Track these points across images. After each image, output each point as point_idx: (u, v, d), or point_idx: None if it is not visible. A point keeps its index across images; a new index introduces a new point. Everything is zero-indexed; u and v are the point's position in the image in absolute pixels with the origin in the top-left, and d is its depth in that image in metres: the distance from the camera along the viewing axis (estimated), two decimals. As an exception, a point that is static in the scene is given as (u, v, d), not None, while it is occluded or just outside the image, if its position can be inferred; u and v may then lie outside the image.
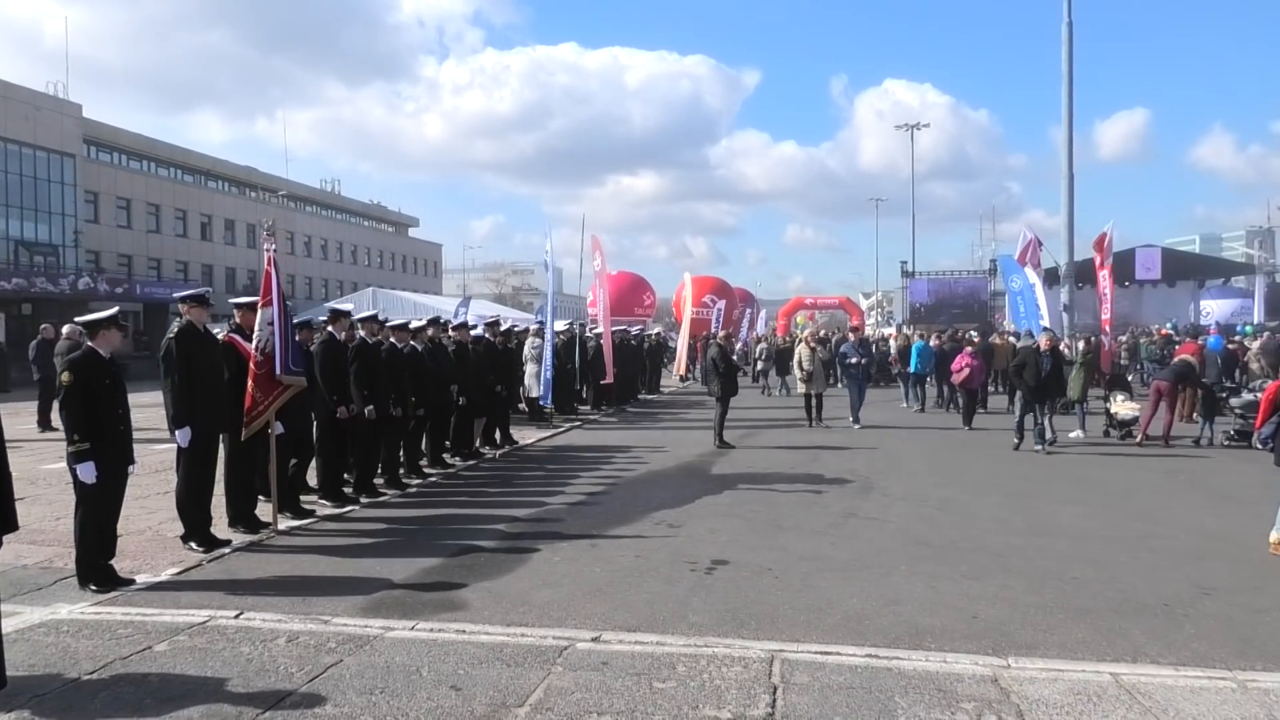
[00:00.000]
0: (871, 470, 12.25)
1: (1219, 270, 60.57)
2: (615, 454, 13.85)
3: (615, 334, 22.13)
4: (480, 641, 5.34)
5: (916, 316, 54.50)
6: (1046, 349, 14.59)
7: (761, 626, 5.72)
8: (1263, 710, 4.43)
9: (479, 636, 5.43)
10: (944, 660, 5.09)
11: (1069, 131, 26.99)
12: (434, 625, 5.65)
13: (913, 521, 9.11)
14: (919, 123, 65.36)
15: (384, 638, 5.39)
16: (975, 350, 18.22)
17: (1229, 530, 8.66)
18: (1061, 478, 11.96)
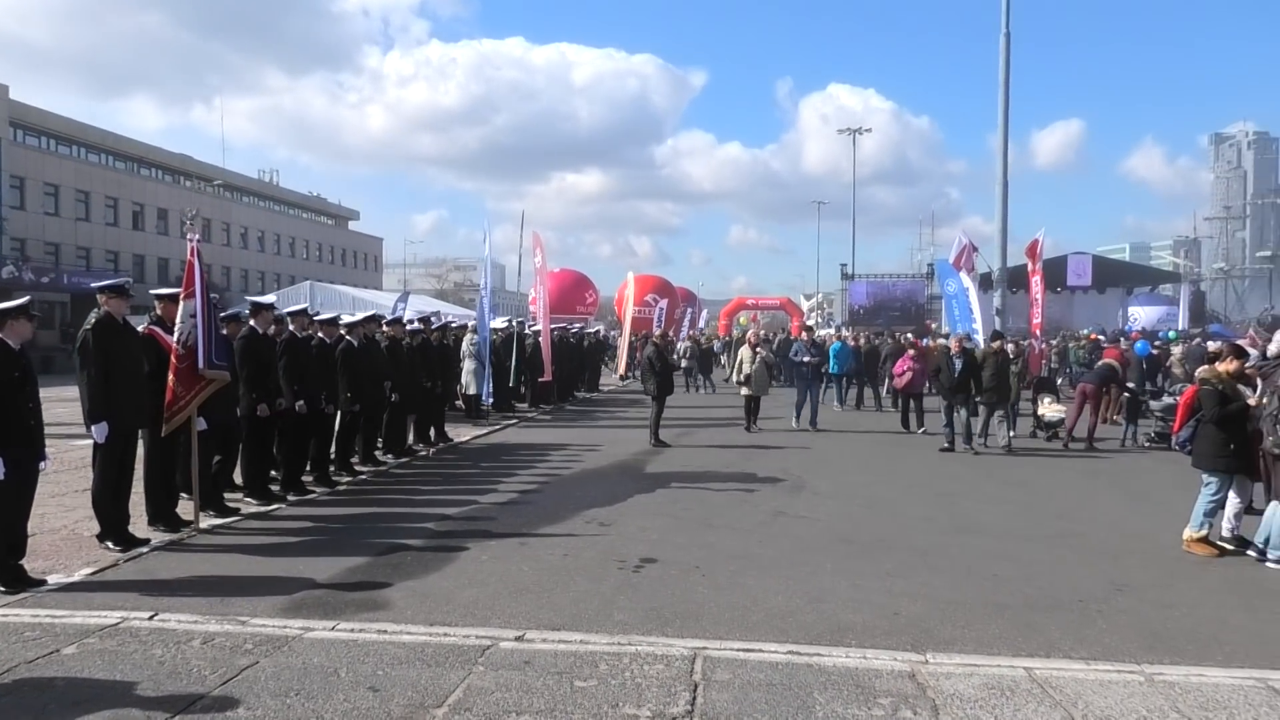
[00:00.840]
0: (803, 469, 12.37)
1: (1147, 278, 62.32)
2: (551, 452, 13.80)
3: (555, 331, 22.06)
4: (402, 642, 5.27)
5: (856, 318, 55.21)
6: (957, 351, 14.86)
7: (686, 624, 5.73)
8: (1167, 703, 4.56)
9: (400, 636, 5.37)
10: (864, 656, 5.15)
11: (1004, 139, 27.54)
12: (355, 625, 5.56)
13: (841, 520, 9.22)
14: (862, 127, 66.21)
15: (303, 638, 5.30)
16: (918, 354, 18.25)
17: (1145, 529, 8.90)
18: (988, 477, 12.20)
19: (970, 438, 14.64)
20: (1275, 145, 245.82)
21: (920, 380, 17.70)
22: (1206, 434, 8.00)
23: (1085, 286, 54.60)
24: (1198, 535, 7.97)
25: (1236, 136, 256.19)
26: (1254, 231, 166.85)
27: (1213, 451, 7.95)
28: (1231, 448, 7.86)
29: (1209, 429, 7.97)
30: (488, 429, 16.48)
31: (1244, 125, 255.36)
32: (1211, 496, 7.97)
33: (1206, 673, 5.02)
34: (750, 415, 17.14)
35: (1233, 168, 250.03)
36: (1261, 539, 7.61)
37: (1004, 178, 27.70)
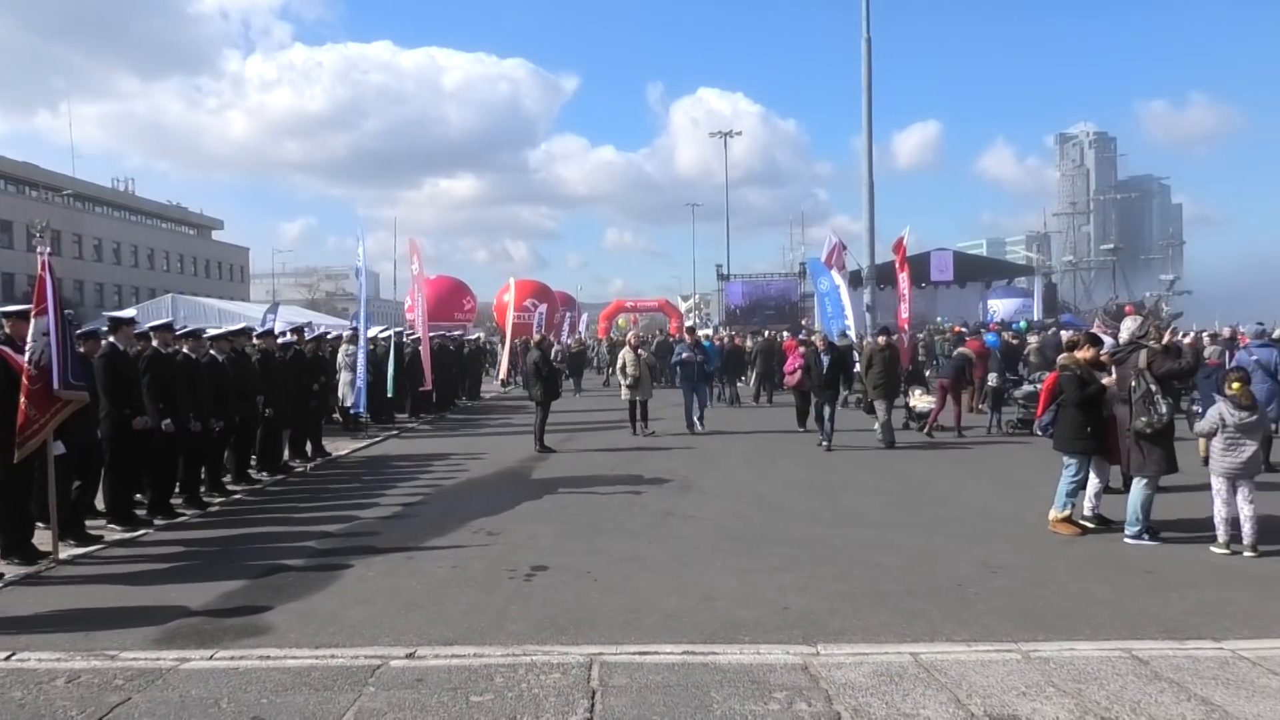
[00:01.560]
0: (689, 469, 12.49)
1: (1003, 272, 65.48)
2: (433, 463, 13.55)
3: (434, 339, 21.68)
4: (286, 667, 5.07)
5: (733, 318, 56.14)
6: (824, 348, 15.27)
7: (580, 631, 5.71)
8: (1043, 677, 4.77)
9: (285, 661, 5.16)
10: (757, 652, 5.23)
11: (869, 141, 28.45)
12: (235, 653, 5.32)
13: (728, 518, 9.34)
14: (732, 131, 67.36)
15: (179, 670, 5.04)
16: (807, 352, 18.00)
17: (1014, 512, 9.32)
18: (866, 469, 12.57)
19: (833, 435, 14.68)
20: (1113, 145, 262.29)
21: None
22: (1066, 418, 8.44)
23: (948, 281, 56.93)
24: (1061, 515, 8.39)
25: (1079, 137, 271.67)
26: (1098, 226, 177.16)
27: (1072, 434, 8.38)
28: (1089, 430, 8.31)
29: (1068, 413, 8.40)
30: (367, 441, 16.06)
31: (1085, 126, 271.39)
32: (1072, 478, 8.40)
33: (1077, 646, 5.29)
34: (635, 419, 16.83)
35: (1076, 166, 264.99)
36: (1130, 517, 8.04)
37: (870, 178, 28.63)
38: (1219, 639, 5.40)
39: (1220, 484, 7.58)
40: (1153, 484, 7.91)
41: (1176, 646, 5.26)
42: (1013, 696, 4.52)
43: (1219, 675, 4.78)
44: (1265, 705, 4.38)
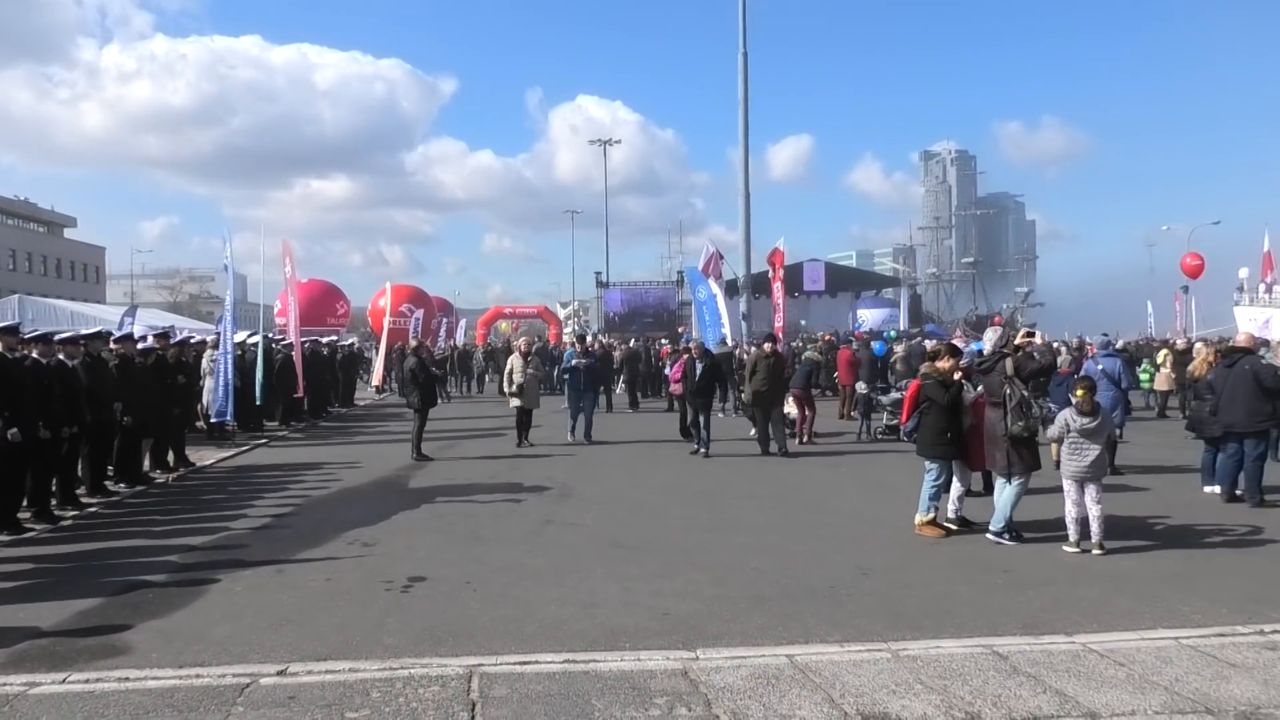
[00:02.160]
0: (569, 477, 12.48)
1: (872, 283, 67.87)
2: (305, 472, 13.14)
3: (306, 345, 21.04)
4: (147, 688, 4.83)
5: (611, 325, 56.38)
6: (699, 354, 15.51)
7: (460, 642, 5.63)
8: (911, 675, 4.96)
9: (145, 683, 4.92)
10: (638, 659, 5.26)
11: (745, 153, 29.11)
12: (90, 675, 5.04)
13: (608, 524, 9.38)
14: (611, 139, 67.68)
15: (28, 696, 4.74)
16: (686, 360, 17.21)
17: (884, 515, 9.65)
18: (742, 476, 12.80)
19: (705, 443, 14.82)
20: (974, 163, 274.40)
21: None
22: (928, 425, 8.77)
23: (820, 291, 58.61)
24: (926, 519, 8.74)
25: (942, 154, 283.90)
26: (959, 240, 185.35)
27: (933, 440, 8.74)
28: (949, 436, 8.69)
29: (930, 420, 8.74)
30: (234, 451, 15.45)
31: (947, 144, 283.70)
32: (933, 482, 8.75)
33: (942, 644, 5.51)
34: (522, 429, 16.06)
35: (939, 182, 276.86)
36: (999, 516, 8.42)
37: (745, 189, 29.28)
38: (1071, 633, 5.71)
39: (1070, 486, 8.03)
40: (1024, 485, 8.32)
41: (1033, 641, 5.55)
42: (883, 695, 4.69)
43: (1071, 668, 5.06)
44: (1112, 695, 4.67)
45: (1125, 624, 5.94)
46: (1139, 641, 5.53)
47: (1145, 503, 10.21)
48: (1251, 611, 6.13)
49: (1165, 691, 4.71)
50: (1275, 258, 53.88)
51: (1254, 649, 5.39)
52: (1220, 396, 10.42)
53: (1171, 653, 5.31)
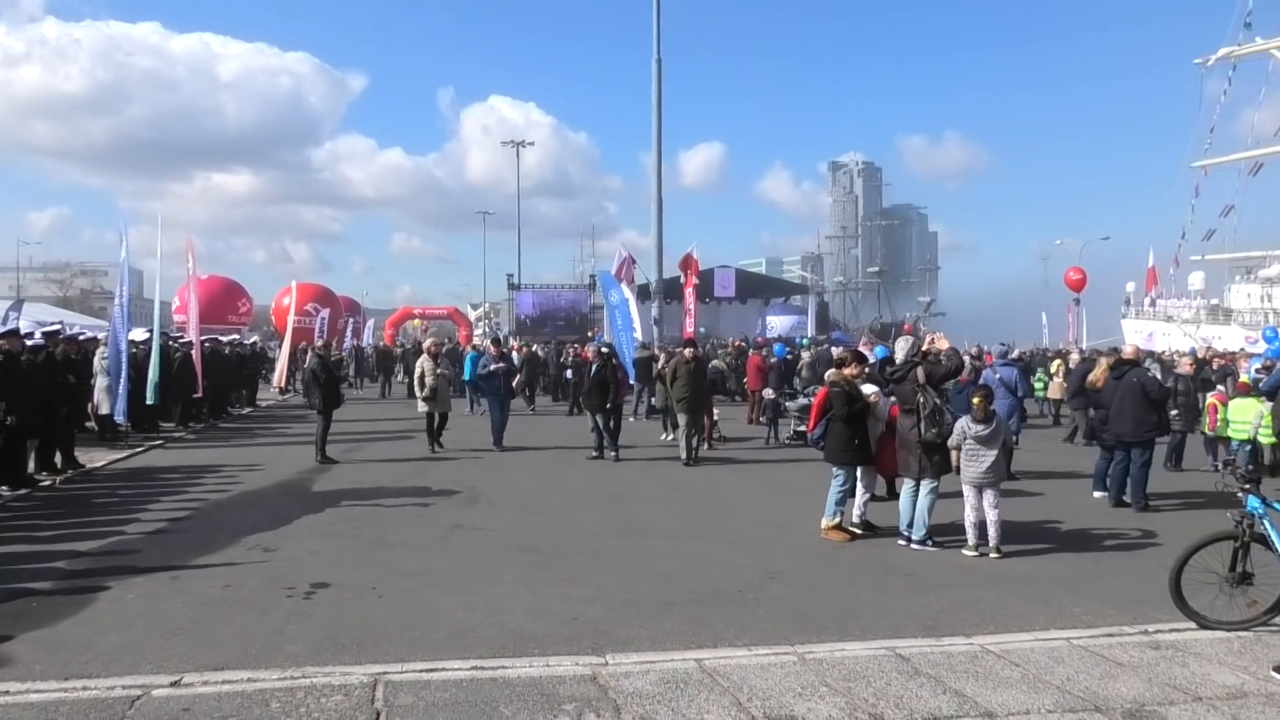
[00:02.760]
0: (479, 481, 12.34)
1: (781, 290, 69.05)
2: (204, 475, 12.70)
3: (205, 343, 20.36)
4: (29, 702, 4.60)
5: (523, 328, 56.05)
6: (594, 361, 15.55)
7: (364, 649, 5.52)
8: (817, 677, 5.04)
9: (27, 696, 4.68)
10: (547, 664, 5.23)
11: (658, 159, 29.24)
12: (-33, 688, 4.78)
13: (518, 529, 9.31)
14: (524, 140, 67.30)
15: (-103, 711, 4.47)
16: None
17: (791, 520, 9.79)
18: (653, 480, 12.85)
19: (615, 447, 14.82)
20: (879, 174, 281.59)
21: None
22: (835, 431, 8.93)
23: (730, 297, 59.38)
24: (832, 524, 8.90)
25: (849, 165, 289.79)
26: (865, 249, 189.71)
27: (840, 447, 8.90)
28: (855, 443, 8.87)
29: (837, 427, 8.91)
30: (127, 452, 14.84)
31: (855, 156, 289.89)
32: (840, 487, 8.92)
33: (847, 646, 5.62)
34: (432, 434, 15.54)
35: (847, 193, 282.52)
36: (904, 523, 8.63)
37: (658, 195, 29.41)
38: (969, 635, 5.89)
39: (969, 491, 8.28)
40: (936, 490, 8.54)
41: (934, 643, 5.70)
42: (790, 697, 4.75)
43: (969, 668, 5.21)
44: (1008, 694, 4.82)
45: (1020, 625, 6.15)
46: (1033, 642, 5.73)
47: (1039, 507, 10.59)
48: (1136, 612, 6.40)
49: (1057, 691, 4.89)
50: (1159, 273, 56.60)
51: (1139, 648, 5.63)
52: (1110, 408, 10.89)
53: (1063, 653, 5.52)
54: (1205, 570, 5.99)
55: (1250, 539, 5.86)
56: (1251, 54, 53.11)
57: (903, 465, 8.75)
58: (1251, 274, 54.06)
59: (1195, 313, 54.25)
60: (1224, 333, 47.85)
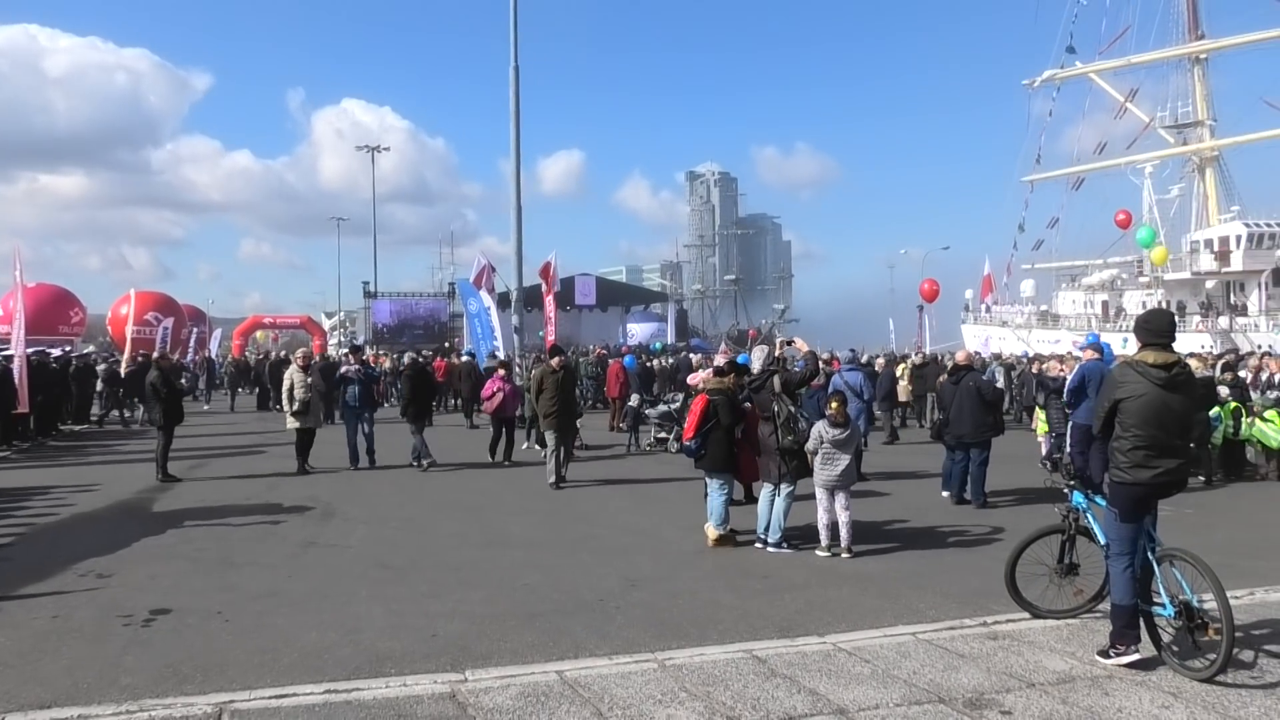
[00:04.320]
0: (334, 496, 11.96)
1: (641, 298, 69.91)
2: (30, 497, 11.86)
3: (32, 355, 19.04)
4: None
5: (380, 337, 54.75)
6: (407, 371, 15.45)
7: (209, 677, 5.26)
8: (676, 684, 5.10)
9: None
10: (404, 684, 5.11)
11: (516, 166, 28.98)
12: None
13: (375, 545, 9.07)
14: (379, 145, 65.62)
15: None
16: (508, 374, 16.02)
17: (652, 526, 9.89)
18: (514, 490, 12.74)
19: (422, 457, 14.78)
20: (735, 184, 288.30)
21: (512, 403, 15.51)
22: (717, 439, 8.98)
23: (591, 305, 59.68)
24: (722, 532, 8.94)
25: (706, 175, 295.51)
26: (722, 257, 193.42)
27: (724, 455, 9.00)
28: (735, 450, 9.02)
29: (721, 435, 8.97)
30: (-60, 474, 13.72)
31: (711, 166, 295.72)
32: (723, 495, 9.01)
33: (706, 651, 5.71)
34: (303, 453, 14.30)
35: (704, 202, 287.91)
36: (761, 527, 8.81)
37: (518, 202, 29.15)
38: (823, 634, 6.07)
39: (821, 494, 8.55)
40: (793, 493, 8.75)
41: (789, 644, 5.85)
42: (650, 705, 4.79)
43: (823, 667, 5.38)
44: (859, 690, 4.99)
45: (871, 623, 6.38)
46: (882, 639, 5.95)
47: (888, 507, 11.04)
48: (977, 605, 6.74)
49: (904, 684, 5.09)
50: (995, 281, 59.97)
51: (979, 640, 5.92)
52: (949, 410, 11.47)
53: (910, 647, 5.76)
54: (1037, 563, 6.34)
55: (1076, 532, 6.24)
56: (1072, 76, 56.87)
57: (763, 471, 8.95)
58: (1076, 282, 57.94)
59: (1027, 318, 57.74)
60: (1053, 337, 51.06)
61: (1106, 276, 54.51)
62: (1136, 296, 51.81)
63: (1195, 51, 52.74)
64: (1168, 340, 5.49)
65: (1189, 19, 53.10)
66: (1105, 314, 52.71)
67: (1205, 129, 53.09)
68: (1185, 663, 5.25)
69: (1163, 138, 54.22)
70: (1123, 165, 54.81)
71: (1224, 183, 52.60)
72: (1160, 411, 5.30)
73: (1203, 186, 52.94)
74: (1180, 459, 5.47)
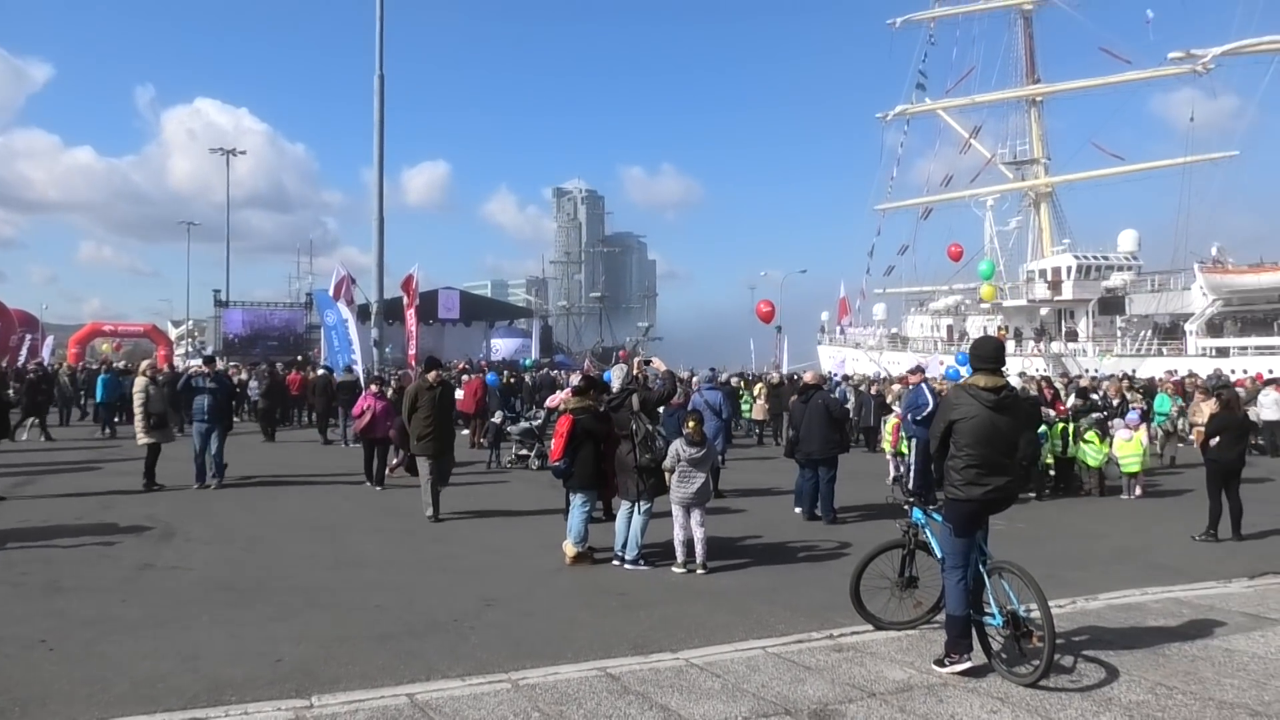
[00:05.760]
0: (175, 515, 11.37)
1: (506, 313, 69.55)
2: None
3: None
4: None
5: (231, 348, 52.60)
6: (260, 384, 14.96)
7: (29, 711, 4.94)
8: (529, 704, 5.08)
9: None
10: (245, 712, 4.92)
11: (380, 176, 28.53)
12: None
13: (218, 566, 8.70)
14: (235, 149, 63.20)
15: None
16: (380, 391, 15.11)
17: (512, 545, 9.82)
18: (369, 509, 12.43)
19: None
20: (602, 202, 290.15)
21: (383, 422, 14.35)
22: (584, 458, 8.96)
23: (455, 319, 58.92)
24: (581, 549, 8.94)
25: (573, 192, 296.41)
26: (588, 275, 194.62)
27: (590, 472, 9.01)
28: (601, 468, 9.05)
29: (586, 452, 8.96)
30: None
31: (579, 183, 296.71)
32: (585, 512, 9.03)
33: (560, 670, 5.71)
34: (152, 469, 13.43)
35: (570, 219, 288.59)
36: (619, 544, 8.86)
37: (380, 213, 28.66)
38: (676, 650, 6.16)
39: (678, 511, 8.69)
40: (650, 510, 8.84)
41: (642, 661, 5.92)
42: (502, 725, 4.76)
43: (675, 683, 5.46)
44: (710, 705, 5.10)
45: (722, 637, 6.52)
46: (733, 653, 6.09)
47: (742, 523, 11.29)
48: (824, 618, 6.97)
49: (753, 698, 5.23)
50: (849, 304, 62.32)
51: (825, 652, 6.14)
52: (800, 429, 11.86)
53: (759, 661, 5.91)
54: (880, 576, 6.63)
55: (915, 546, 6.56)
56: (922, 112, 59.93)
57: (621, 489, 9.03)
58: (924, 306, 60.91)
59: (879, 340, 60.29)
60: (902, 359, 53.41)
61: (951, 302, 57.59)
62: (979, 322, 54.90)
63: (1032, 94, 56.47)
64: (996, 365, 5.87)
65: (1027, 64, 56.85)
66: (950, 337, 55.65)
67: (1041, 166, 56.85)
68: (1012, 669, 5.58)
69: (1003, 173, 57.77)
70: (967, 198, 58.20)
71: (1057, 217, 56.47)
72: (990, 432, 5.65)
73: (1038, 220, 56.64)
74: (1009, 476, 5.84)
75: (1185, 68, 44.43)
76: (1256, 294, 42.26)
